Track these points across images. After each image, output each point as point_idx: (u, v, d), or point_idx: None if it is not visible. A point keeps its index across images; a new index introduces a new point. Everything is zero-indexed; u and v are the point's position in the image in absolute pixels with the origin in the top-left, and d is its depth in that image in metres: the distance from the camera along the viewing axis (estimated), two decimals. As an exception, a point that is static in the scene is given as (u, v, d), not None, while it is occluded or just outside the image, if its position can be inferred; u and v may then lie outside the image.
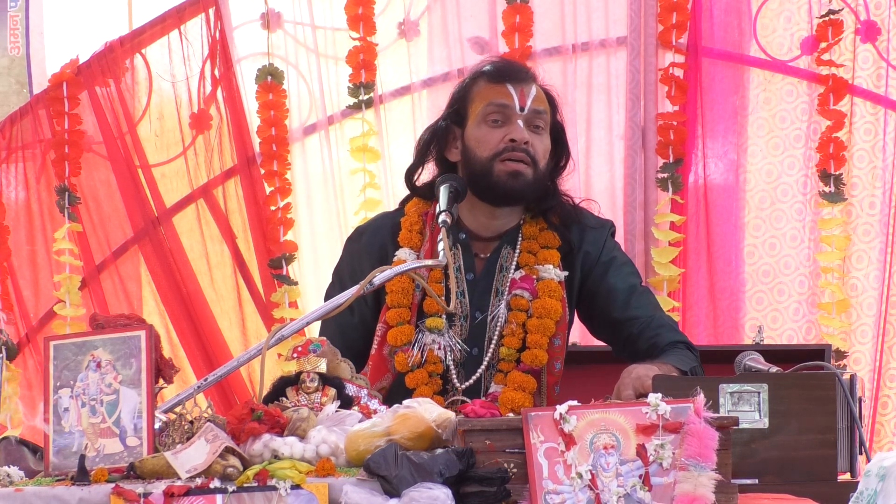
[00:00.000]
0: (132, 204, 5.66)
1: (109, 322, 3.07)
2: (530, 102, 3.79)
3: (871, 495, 2.78)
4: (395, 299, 3.79)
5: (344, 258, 3.97)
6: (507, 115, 3.78)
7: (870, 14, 5.46)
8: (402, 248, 3.86)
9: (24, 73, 5.73)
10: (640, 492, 2.76)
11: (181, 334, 5.65)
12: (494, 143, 3.77)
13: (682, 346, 3.78)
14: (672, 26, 5.50)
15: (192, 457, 2.85)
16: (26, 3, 5.74)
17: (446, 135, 3.87)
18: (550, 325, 3.77)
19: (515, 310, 3.79)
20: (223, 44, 5.66)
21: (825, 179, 5.44)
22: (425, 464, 2.76)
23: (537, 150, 3.78)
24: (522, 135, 3.76)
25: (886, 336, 5.40)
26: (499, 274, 3.84)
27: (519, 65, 3.95)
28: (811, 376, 3.35)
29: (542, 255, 3.84)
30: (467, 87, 3.88)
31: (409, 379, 3.75)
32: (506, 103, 3.78)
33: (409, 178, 3.94)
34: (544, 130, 3.82)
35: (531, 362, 3.76)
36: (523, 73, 3.85)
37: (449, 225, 3.66)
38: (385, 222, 3.95)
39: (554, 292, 3.80)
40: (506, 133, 3.77)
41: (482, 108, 3.80)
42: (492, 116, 3.79)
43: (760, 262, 5.51)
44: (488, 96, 3.81)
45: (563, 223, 3.87)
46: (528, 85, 3.81)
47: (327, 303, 3.56)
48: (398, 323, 3.78)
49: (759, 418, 3.27)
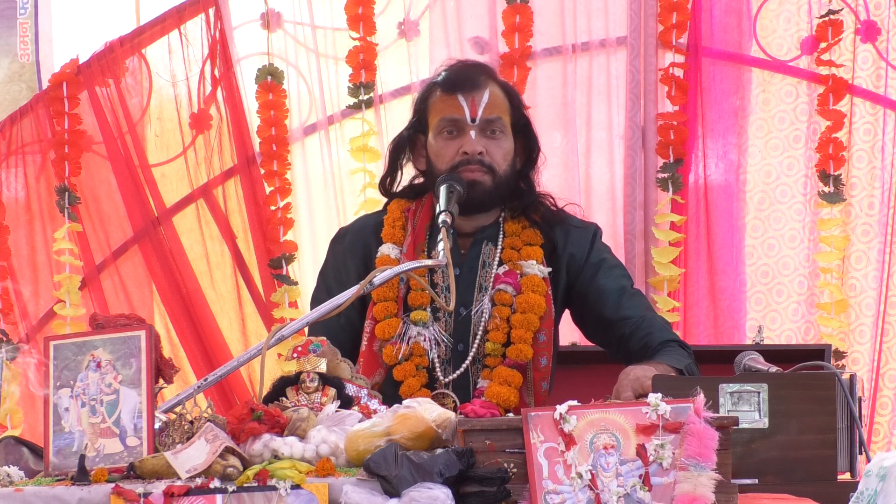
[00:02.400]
0: (132, 204, 5.66)
1: (109, 322, 3.07)
2: (481, 111, 3.84)
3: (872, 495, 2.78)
4: (381, 293, 3.82)
5: (328, 260, 4.02)
6: (459, 126, 3.85)
7: (870, 14, 5.46)
8: (385, 243, 3.89)
9: (34, 79, 5.73)
10: (640, 492, 2.76)
11: (181, 334, 5.65)
12: (450, 156, 3.84)
13: (675, 344, 3.80)
14: (672, 26, 5.50)
15: (192, 457, 2.85)
16: (35, 10, 5.74)
17: (413, 143, 3.94)
18: (534, 320, 3.80)
19: (499, 304, 3.82)
20: (223, 44, 5.66)
21: (824, 180, 5.44)
22: (425, 464, 2.77)
23: (494, 157, 3.84)
24: (474, 147, 3.82)
25: (885, 336, 5.40)
26: (482, 270, 3.87)
27: (471, 70, 3.96)
28: (811, 376, 3.35)
29: (526, 252, 3.87)
30: (425, 95, 3.95)
31: (396, 371, 3.78)
32: (456, 117, 3.85)
33: (384, 187, 4.01)
34: (502, 134, 3.87)
35: (516, 357, 3.78)
36: (475, 81, 3.88)
37: (449, 224, 3.67)
38: (368, 221, 4.02)
39: (538, 287, 3.82)
40: (460, 145, 3.83)
41: (437, 122, 3.87)
42: (446, 129, 3.86)
43: (760, 262, 5.51)
44: (441, 110, 3.87)
45: (546, 223, 3.89)
46: (479, 93, 3.85)
47: (327, 303, 3.56)
48: (385, 317, 3.82)
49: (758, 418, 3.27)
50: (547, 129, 5.54)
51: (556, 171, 5.53)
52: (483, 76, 3.90)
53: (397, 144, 3.99)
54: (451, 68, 3.96)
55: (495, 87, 3.90)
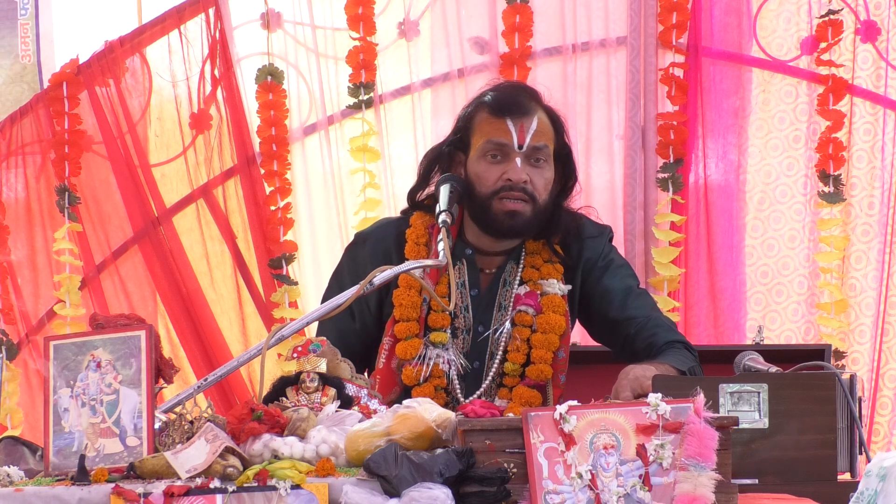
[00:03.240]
0: (132, 204, 5.66)
1: (109, 322, 3.06)
2: (529, 139, 3.77)
3: (872, 495, 2.78)
4: (405, 313, 3.79)
5: (346, 264, 3.95)
6: (505, 152, 3.77)
7: (869, 14, 5.46)
8: (408, 259, 3.84)
9: (36, 79, 5.73)
10: (640, 492, 2.76)
11: (181, 334, 5.65)
12: (493, 181, 3.76)
13: (680, 345, 3.78)
14: (672, 26, 5.50)
15: (192, 457, 2.85)
16: (36, 11, 5.74)
17: (451, 159, 3.87)
18: (554, 340, 3.78)
19: (520, 325, 3.79)
20: (223, 44, 5.66)
21: (824, 180, 5.44)
22: (425, 464, 2.76)
23: (536, 186, 3.77)
24: (520, 175, 3.75)
25: (885, 336, 5.40)
26: (502, 289, 3.85)
27: (522, 94, 3.87)
28: (811, 376, 3.35)
29: (546, 270, 3.84)
30: (470, 114, 3.86)
31: (415, 392, 3.75)
32: (504, 142, 3.77)
33: (411, 199, 3.93)
34: (546, 163, 3.80)
35: (536, 377, 3.77)
36: (524, 106, 3.80)
37: (449, 224, 3.66)
38: (389, 231, 3.93)
39: (557, 307, 3.80)
40: (503, 171, 3.76)
41: (482, 144, 3.79)
42: (490, 153, 3.78)
43: (760, 262, 5.51)
44: (488, 132, 3.79)
45: (564, 237, 3.87)
46: (528, 119, 3.78)
47: (326, 303, 3.56)
48: (407, 337, 3.79)
49: (758, 418, 3.27)
50: (547, 129, 5.55)
51: (556, 171, 5.54)
52: (533, 102, 3.83)
53: (433, 158, 3.89)
54: (499, 88, 3.88)
55: (543, 113, 3.82)
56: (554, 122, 3.84)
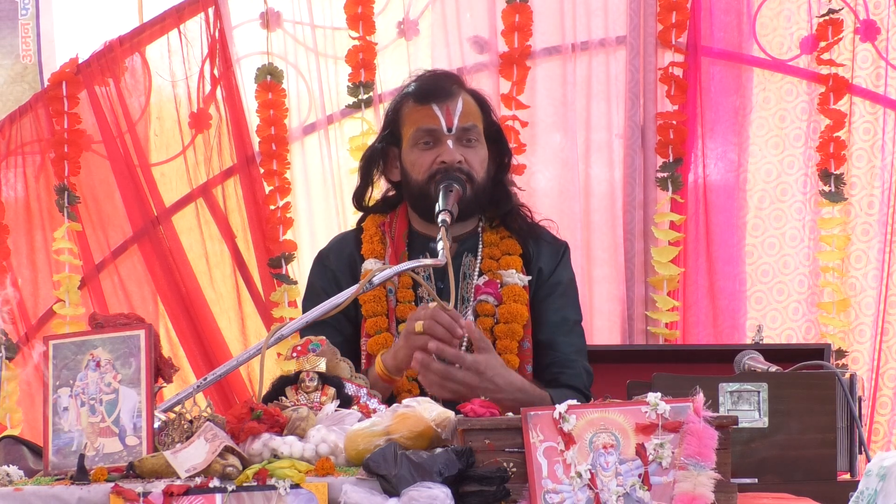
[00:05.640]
0: (132, 203, 5.66)
1: (109, 321, 3.06)
2: (457, 121, 3.80)
3: (872, 495, 2.78)
4: (371, 308, 3.80)
5: (314, 283, 3.94)
6: (436, 137, 3.80)
7: (869, 13, 5.46)
8: (367, 259, 3.86)
9: (37, 79, 5.74)
10: (640, 491, 2.76)
11: (180, 334, 5.65)
12: (427, 166, 3.80)
13: (577, 392, 3.73)
14: (671, 26, 5.50)
15: (191, 456, 2.85)
16: (37, 11, 5.74)
17: (386, 156, 3.90)
18: (518, 330, 3.78)
19: (482, 315, 3.79)
20: (223, 43, 5.66)
21: (825, 179, 5.44)
22: (425, 463, 2.76)
23: (473, 165, 3.80)
24: (454, 156, 3.78)
25: (885, 336, 5.40)
26: (462, 282, 3.85)
27: (444, 79, 3.91)
28: (811, 376, 3.35)
29: (505, 261, 3.84)
30: (397, 107, 3.90)
31: (396, 386, 3.74)
32: (433, 127, 3.80)
33: (358, 200, 3.97)
34: (478, 142, 3.83)
35: None
36: (448, 90, 3.84)
37: (448, 224, 3.66)
38: (348, 241, 3.96)
39: (519, 297, 3.80)
40: (437, 155, 3.79)
41: (412, 134, 3.83)
42: (422, 140, 3.82)
43: (760, 261, 5.51)
44: (416, 121, 3.83)
45: (522, 234, 3.87)
46: (453, 102, 3.81)
47: (326, 303, 3.54)
48: (377, 331, 3.79)
49: (758, 417, 3.27)
50: (546, 128, 5.55)
51: (556, 171, 5.53)
52: (455, 85, 3.87)
53: (369, 157, 3.94)
54: (420, 78, 3.92)
55: (467, 95, 3.86)
56: (479, 103, 3.89)
